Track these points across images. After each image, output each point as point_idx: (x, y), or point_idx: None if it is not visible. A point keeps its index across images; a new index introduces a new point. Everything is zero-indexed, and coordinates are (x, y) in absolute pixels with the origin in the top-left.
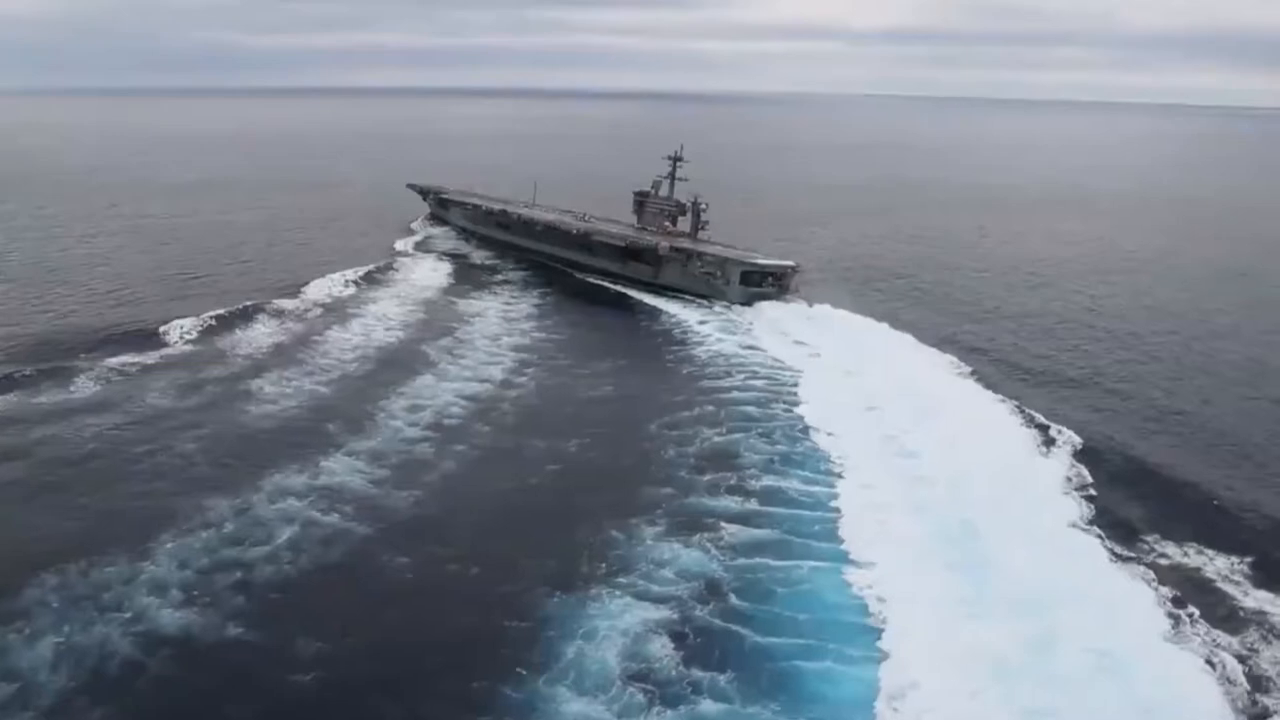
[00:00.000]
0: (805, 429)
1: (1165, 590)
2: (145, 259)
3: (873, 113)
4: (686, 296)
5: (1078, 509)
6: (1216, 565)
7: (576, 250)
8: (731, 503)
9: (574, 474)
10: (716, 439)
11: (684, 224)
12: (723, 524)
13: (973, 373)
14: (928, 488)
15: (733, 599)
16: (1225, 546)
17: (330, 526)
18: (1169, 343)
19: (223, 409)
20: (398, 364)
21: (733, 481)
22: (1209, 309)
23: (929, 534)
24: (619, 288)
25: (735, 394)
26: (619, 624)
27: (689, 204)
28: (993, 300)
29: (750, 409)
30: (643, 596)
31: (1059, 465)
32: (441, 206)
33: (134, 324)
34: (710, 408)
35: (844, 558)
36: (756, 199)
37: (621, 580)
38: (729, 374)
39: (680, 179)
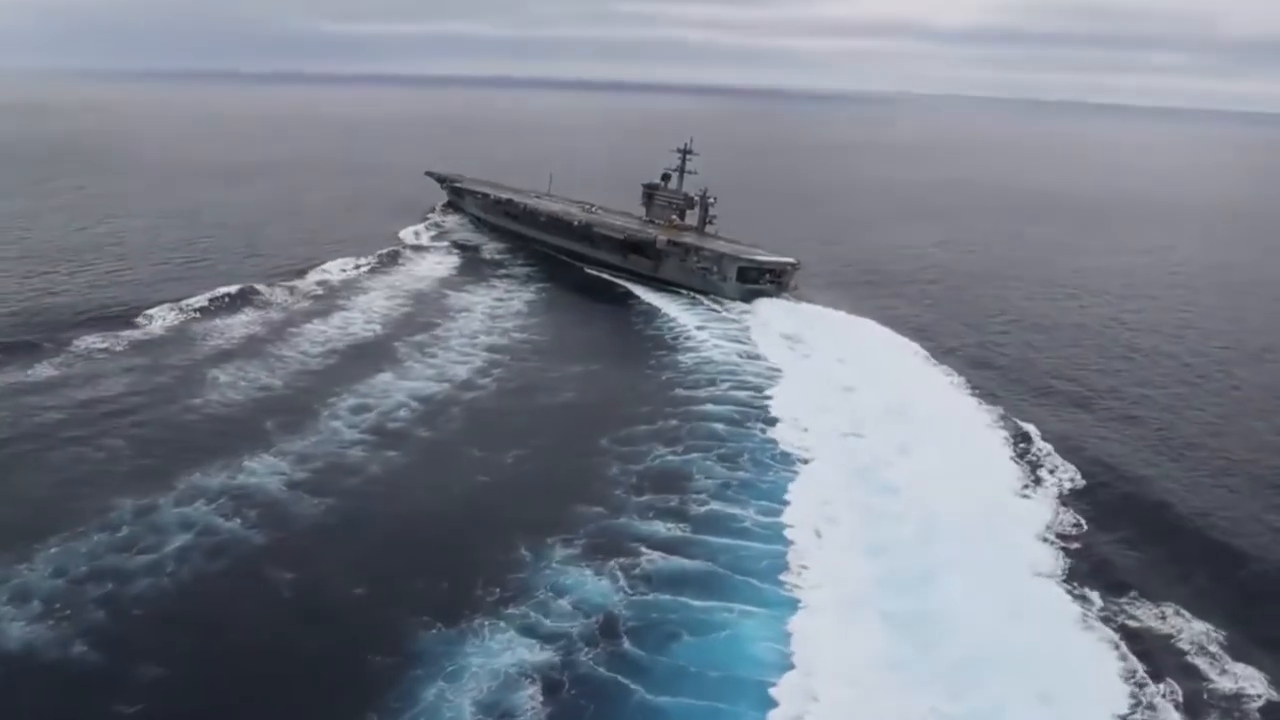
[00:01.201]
0: (777, 453)
1: (1128, 662)
2: (157, 240)
3: (951, 114)
4: (686, 292)
5: (1053, 558)
6: (1193, 632)
7: (579, 242)
8: (664, 528)
9: (501, 487)
10: (670, 458)
11: (693, 218)
12: (646, 551)
13: (974, 389)
14: (894, 527)
15: (627, 643)
16: (1208, 610)
17: (226, 534)
18: (1197, 364)
19: (168, 401)
20: (363, 360)
21: (673, 504)
22: (1249, 330)
23: (880, 581)
24: (621, 282)
25: (708, 408)
26: (493, 664)
27: (697, 197)
28: (1015, 311)
29: (718, 426)
30: (529, 632)
31: (1044, 506)
32: (457, 195)
33: (119, 306)
34: (674, 422)
35: (777, 602)
36: (815, 199)
37: (512, 610)
38: (711, 383)
39: (690, 172)
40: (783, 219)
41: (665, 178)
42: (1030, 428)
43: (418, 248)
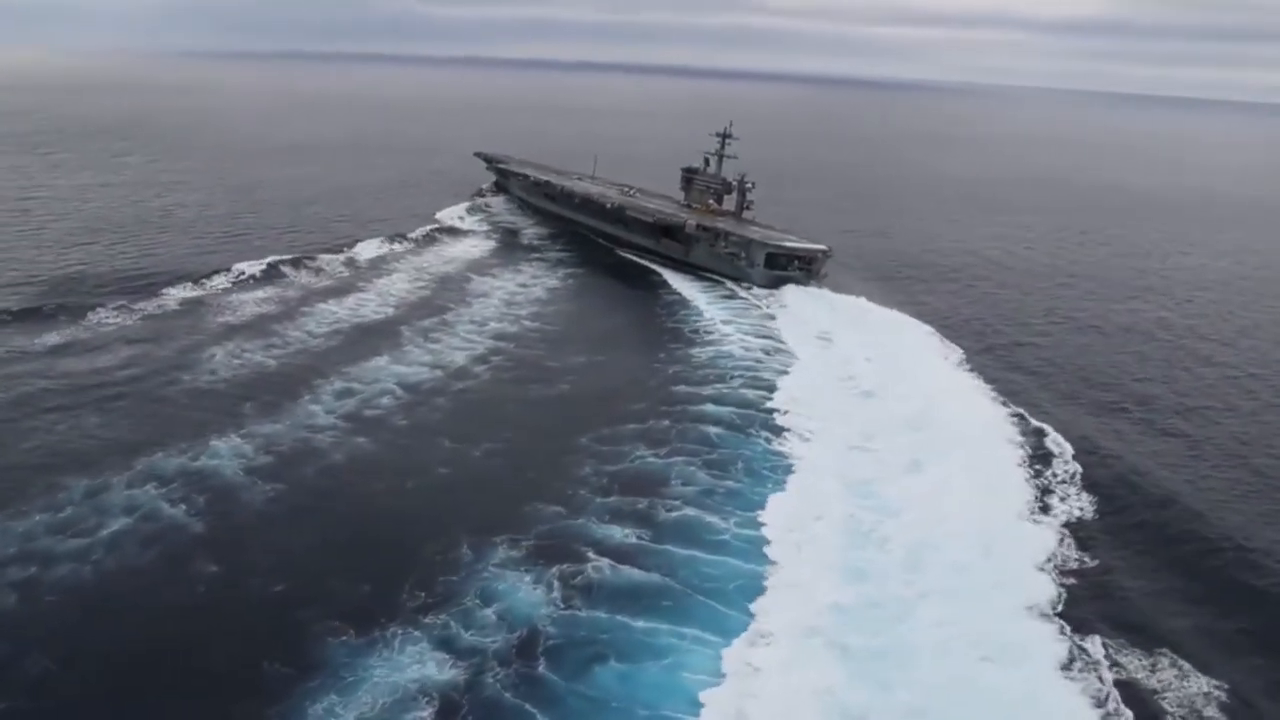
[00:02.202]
0: (774, 462)
1: None
2: (203, 214)
3: (1046, 107)
4: (717, 279)
5: (1050, 591)
6: (1186, 691)
7: (614, 224)
8: (623, 534)
9: (462, 482)
10: (651, 460)
11: (731, 204)
12: (595, 558)
13: (1003, 394)
14: (880, 552)
15: (544, 666)
16: (1206, 662)
17: (166, 522)
18: (1246, 377)
19: (158, 377)
20: (363, 343)
21: (640, 508)
22: None
23: (850, 610)
24: (655, 267)
25: (707, 408)
26: (395, 678)
27: (735, 182)
28: (1063, 311)
29: (714, 430)
30: (444, 644)
31: (1051, 532)
32: (503, 176)
33: (143, 279)
34: (666, 422)
35: (730, 627)
36: (878, 189)
37: (431, 619)
38: (721, 379)
39: (729, 156)
40: (838, 209)
41: (706, 162)
42: (1055, 440)
43: (454, 230)
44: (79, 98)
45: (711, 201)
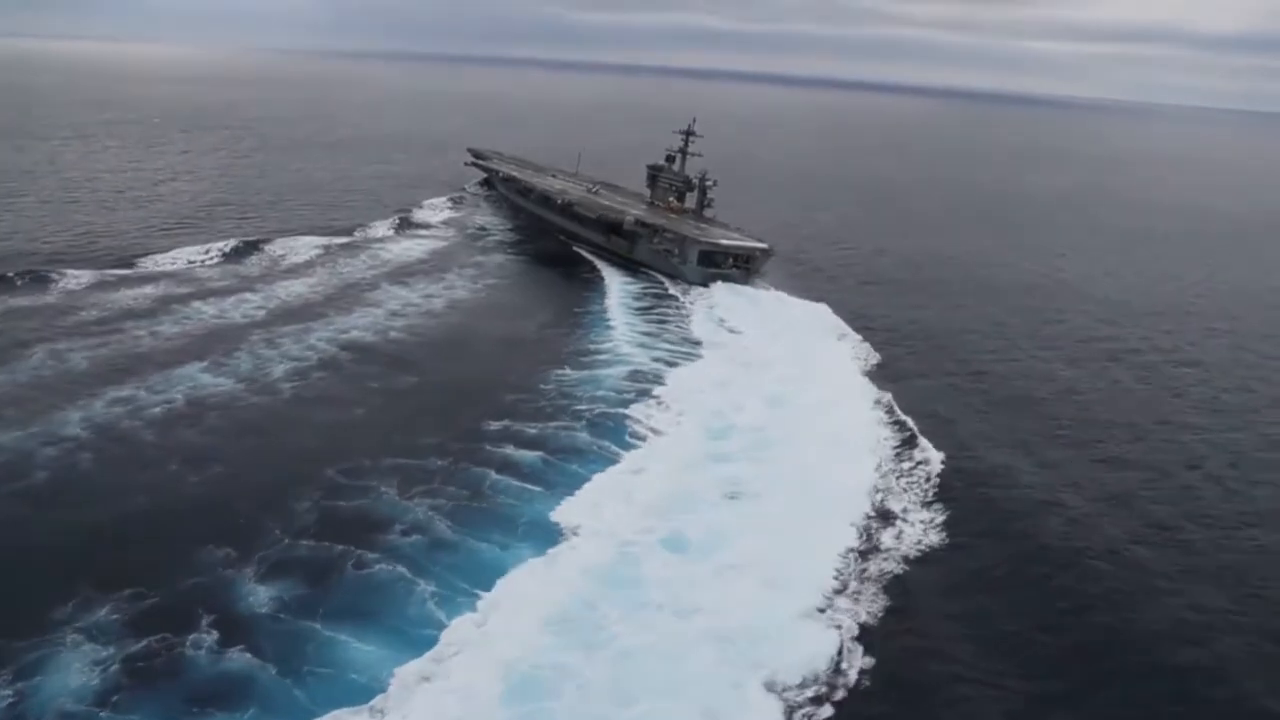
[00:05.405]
0: (558, 528)
1: None
2: (175, 199)
3: (1200, 126)
4: (655, 273)
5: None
6: None
7: (570, 220)
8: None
9: (123, 518)
10: (384, 491)
11: (693, 201)
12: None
13: (895, 412)
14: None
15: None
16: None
17: None
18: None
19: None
20: (194, 349)
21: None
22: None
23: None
24: (599, 264)
25: (508, 451)
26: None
27: (696, 180)
28: (1013, 329)
29: (512, 483)
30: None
31: (833, 561)
32: (488, 172)
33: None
34: (460, 445)
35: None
36: (988, 207)
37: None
38: (566, 410)
39: (694, 154)
40: (892, 221)
41: (670, 159)
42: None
43: (418, 224)
44: (193, 90)
45: (673, 199)
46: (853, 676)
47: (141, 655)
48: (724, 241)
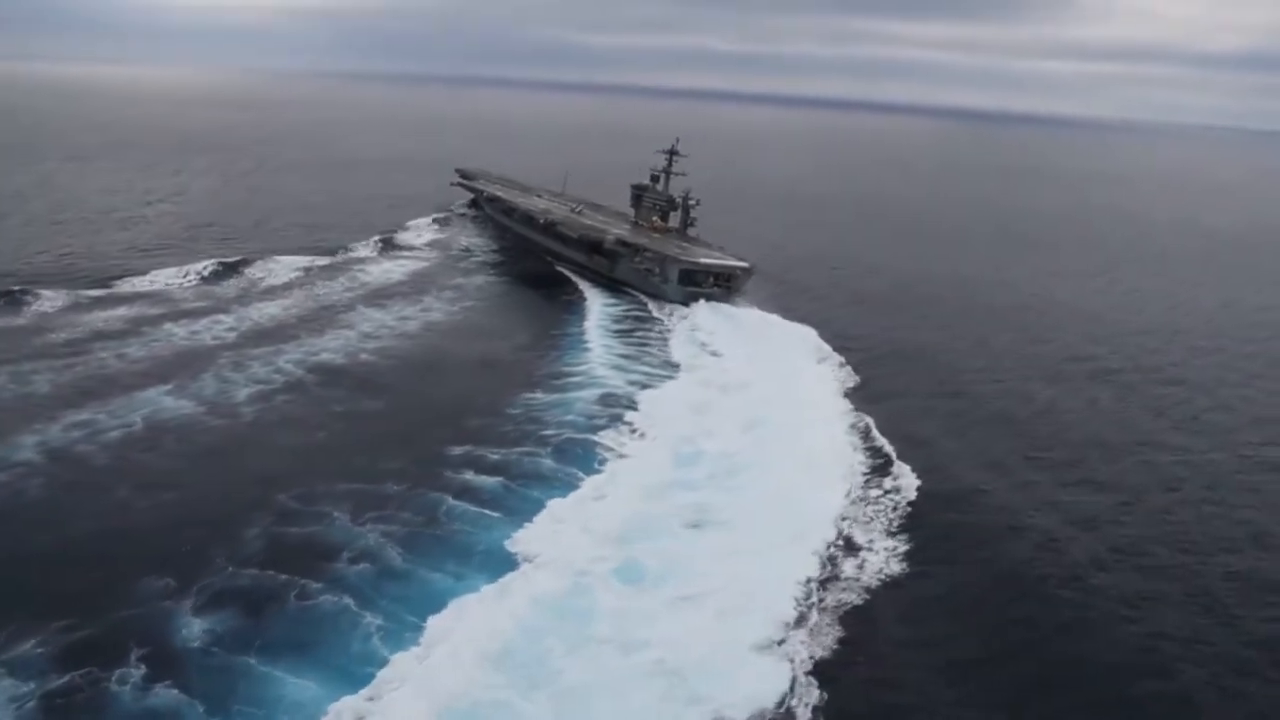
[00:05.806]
0: (513, 556)
1: None
2: (153, 221)
3: (1203, 144)
4: (636, 293)
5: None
6: None
7: (553, 240)
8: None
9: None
10: (338, 518)
11: (677, 221)
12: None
13: (870, 446)
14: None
15: None
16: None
17: None
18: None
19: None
20: (159, 372)
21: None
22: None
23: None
24: (582, 284)
25: (467, 476)
26: None
27: (680, 199)
28: (996, 350)
29: (469, 509)
30: None
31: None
32: (475, 193)
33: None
34: (398, 488)
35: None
36: (987, 225)
37: None
38: (531, 435)
39: (678, 174)
40: (883, 240)
41: (654, 179)
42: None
43: (401, 246)
44: (191, 112)
45: (656, 219)
46: (802, 713)
47: (62, 691)
48: (705, 260)
